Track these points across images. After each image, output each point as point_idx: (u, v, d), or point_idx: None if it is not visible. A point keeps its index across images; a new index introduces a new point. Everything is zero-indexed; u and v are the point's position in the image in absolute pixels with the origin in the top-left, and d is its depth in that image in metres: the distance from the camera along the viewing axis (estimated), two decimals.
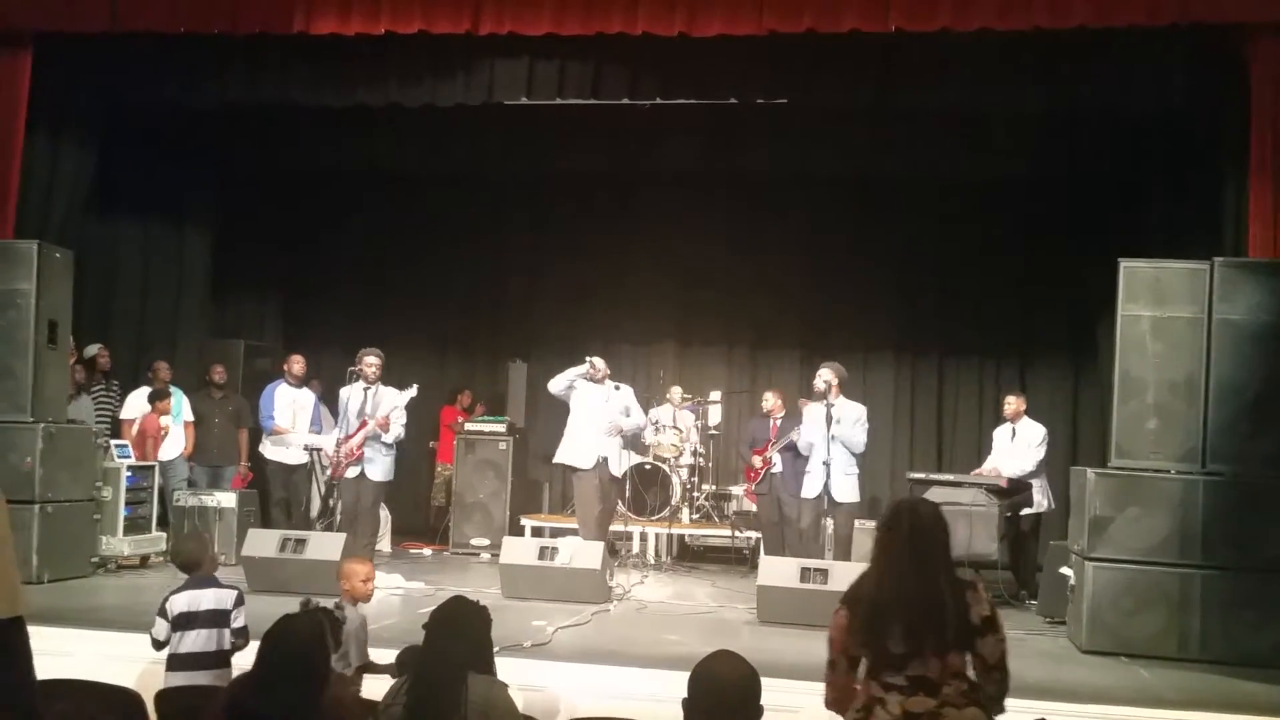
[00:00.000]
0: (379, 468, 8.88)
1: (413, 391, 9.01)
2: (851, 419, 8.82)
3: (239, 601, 5.14)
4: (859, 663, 3.35)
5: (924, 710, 3.20)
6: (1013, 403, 9.40)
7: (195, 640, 5.00)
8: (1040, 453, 9.09)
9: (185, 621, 5.02)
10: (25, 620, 2.69)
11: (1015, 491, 8.86)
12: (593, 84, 8.79)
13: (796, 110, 9.22)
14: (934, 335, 11.98)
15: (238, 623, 5.07)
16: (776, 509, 9.62)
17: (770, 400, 10.01)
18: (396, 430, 8.91)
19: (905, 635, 3.23)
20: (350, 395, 8.93)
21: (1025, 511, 9.04)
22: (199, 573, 5.27)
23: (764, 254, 12.01)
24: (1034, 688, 5.69)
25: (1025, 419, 9.31)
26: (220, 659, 5.00)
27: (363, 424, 8.78)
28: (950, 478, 9.16)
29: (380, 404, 8.86)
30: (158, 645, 5.09)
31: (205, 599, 5.10)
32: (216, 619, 5.05)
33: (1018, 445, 9.19)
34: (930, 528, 3.37)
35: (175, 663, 4.99)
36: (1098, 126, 9.57)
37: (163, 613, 5.09)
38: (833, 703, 3.39)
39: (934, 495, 8.82)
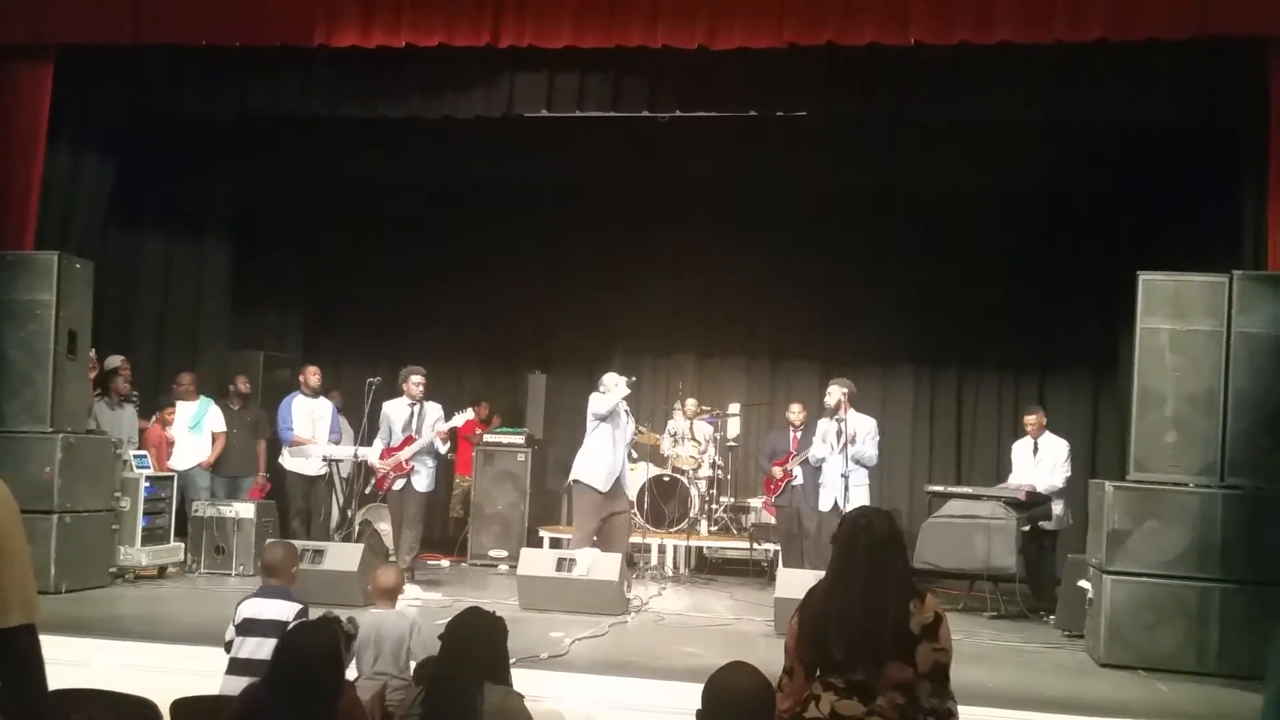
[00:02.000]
0: (423, 479, 9.20)
1: (467, 414, 9.54)
2: (863, 433, 8.85)
3: (300, 615, 5.18)
4: (815, 670, 3.42)
5: (852, 714, 3.27)
6: (1033, 420, 9.36)
7: (254, 647, 5.06)
8: (1068, 469, 9.08)
9: (248, 628, 5.11)
10: (37, 628, 2.70)
11: (1034, 505, 8.84)
12: (613, 96, 8.80)
13: (816, 123, 9.22)
14: (954, 348, 11.95)
15: None
16: (796, 521, 9.60)
17: (797, 412, 9.95)
18: (445, 446, 9.37)
19: (844, 644, 3.30)
20: (395, 411, 9.28)
21: (1044, 525, 9.00)
22: (274, 581, 5.35)
23: (784, 266, 12.00)
24: (1053, 701, 5.67)
25: (1047, 434, 9.28)
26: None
27: (408, 440, 9.10)
28: (969, 490, 9.15)
29: (426, 419, 9.19)
30: (226, 647, 5.18)
31: (269, 608, 5.16)
32: (276, 629, 5.11)
33: (1041, 461, 9.16)
34: (884, 542, 3.43)
35: (234, 666, 5.07)
36: (1117, 139, 9.54)
37: (233, 617, 5.19)
38: (786, 711, 3.42)
39: (953, 508, 8.85)
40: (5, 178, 8.00)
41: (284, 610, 5.18)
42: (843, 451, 8.73)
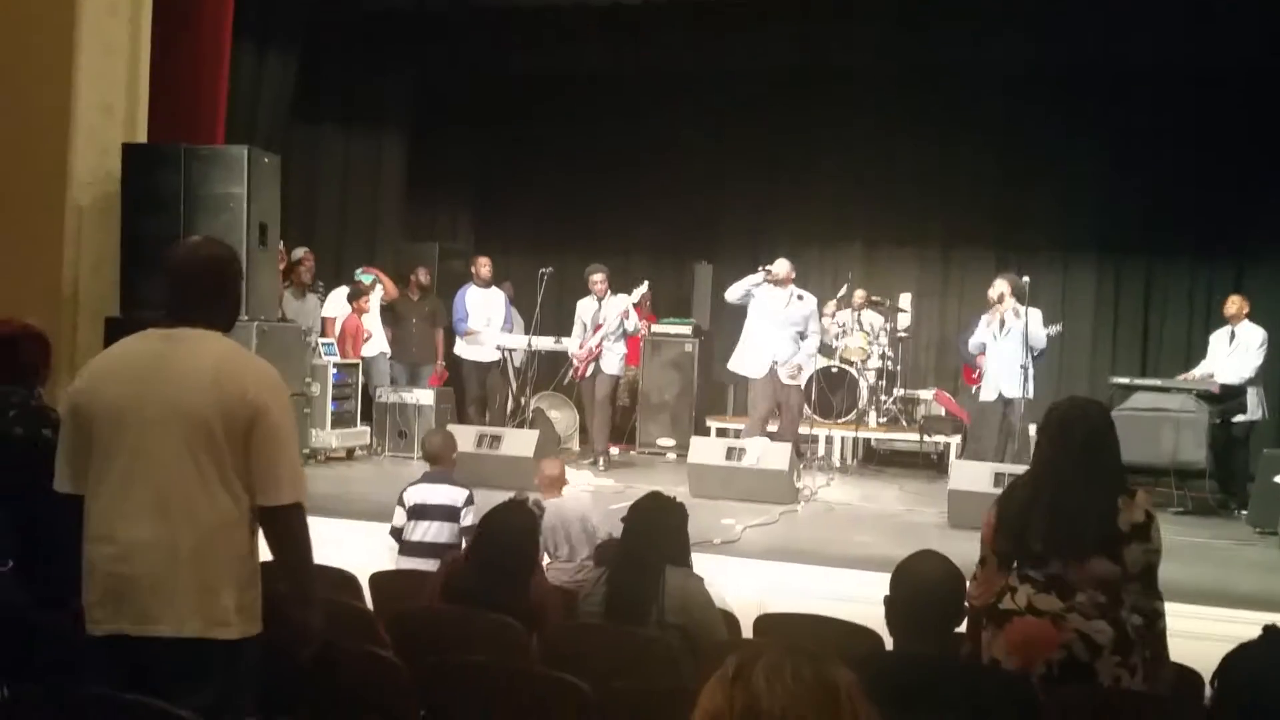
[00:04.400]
0: (611, 362, 9.69)
1: (643, 289, 9.97)
2: (1032, 320, 8.55)
3: (469, 501, 5.39)
4: (1010, 562, 3.34)
5: (1049, 609, 3.18)
6: (1234, 303, 8.88)
7: (427, 530, 5.31)
8: (1259, 357, 8.59)
9: (419, 512, 5.34)
10: (304, 507, 2.86)
11: (1227, 397, 8.44)
12: None
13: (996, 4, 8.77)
14: (1142, 233, 11.32)
15: (466, 520, 5.33)
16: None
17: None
18: (633, 323, 9.85)
19: (1045, 535, 3.21)
20: (583, 308, 9.80)
21: (1238, 418, 8.60)
22: (437, 467, 5.56)
23: (958, 150, 11.54)
24: (1245, 598, 5.48)
25: (1246, 321, 8.79)
26: (448, 551, 5.27)
27: (597, 327, 9.58)
28: (1157, 382, 8.77)
29: (611, 311, 9.62)
30: (395, 532, 5.42)
31: (438, 494, 5.38)
32: (448, 514, 5.34)
33: (1236, 349, 8.71)
34: (1098, 433, 3.29)
35: (407, 549, 5.31)
36: None
37: (401, 502, 5.42)
38: (976, 598, 3.36)
39: (1139, 401, 8.51)
40: (196, 76, 8.27)
41: (454, 495, 5.38)
42: (1007, 338, 8.46)
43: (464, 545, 5.23)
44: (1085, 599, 3.17)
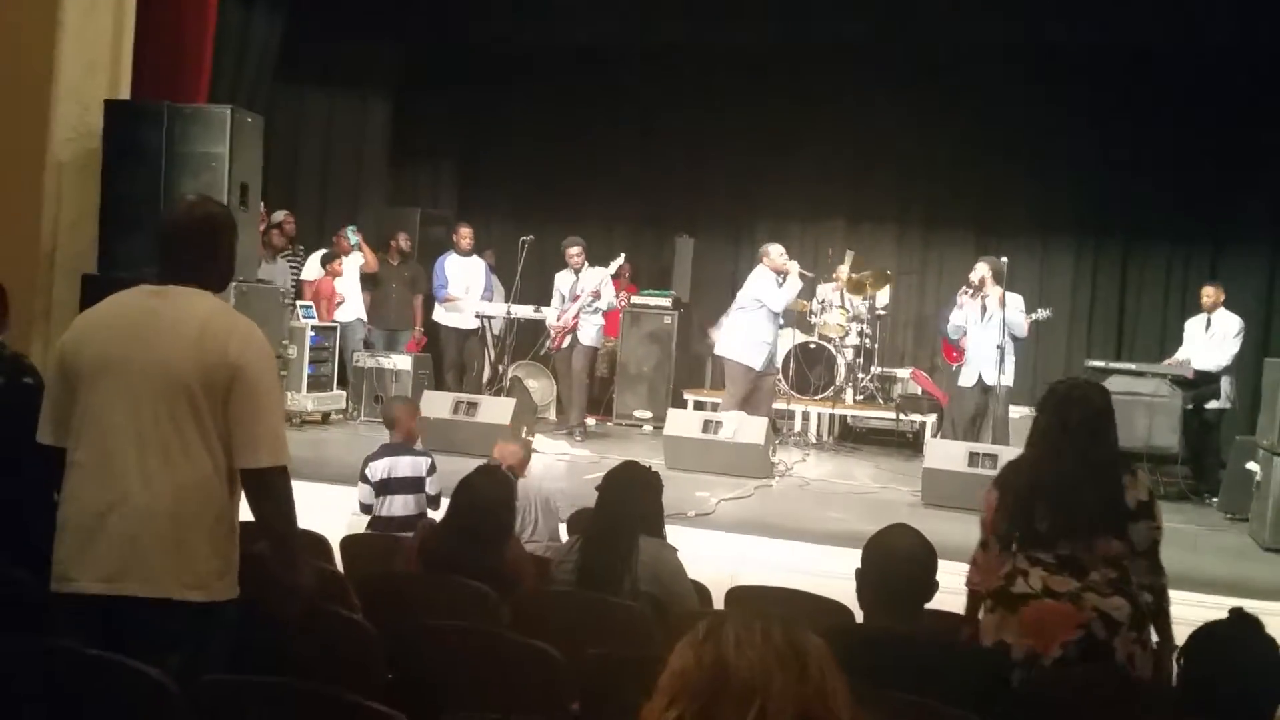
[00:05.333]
0: (588, 333, 9.73)
1: (619, 262, 9.98)
2: (1012, 304, 8.56)
3: (431, 469, 5.39)
4: (1010, 544, 3.35)
5: (1065, 590, 3.19)
6: (1211, 293, 8.97)
7: (395, 504, 5.29)
8: (1236, 345, 8.68)
9: (385, 487, 5.32)
10: (287, 470, 2.85)
11: (1201, 383, 8.52)
12: None
13: None
14: (1120, 217, 11.35)
15: (431, 490, 5.33)
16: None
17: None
18: (608, 298, 9.86)
19: (1051, 513, 3.22)
20: (561, 280, 9.88)
21: (1210, 405, 8.68)
22: (397, 437, 5.53)
23: (940, 129, 11.49)
24: (1214, 583, 5.55)
25: (1222, 310, 8.87)
26: (416, 522, 5.26)
27: (575, 298, 9.60)
28: (1132, 366, 8.85)
29: (586, 283, 9.65)
30: (365, 509, 5.39)
31: (401, 465, 5.37)
32: (414, 485, 5.33)
33: (1212, 336, 8.78)
34: (1100, 414, 3.31)
35: (378, 524, 5.28)
36: None
37: (364, 478, 5.38)
38: (977, 583, 3.40)
39: (1113, 384, 8.54)
40: (180, 32, 8.18)
41: (418, 465, 5.37)
42: (988, 325, 8.50)
43: (428, 514, 5.24)
44: (1099, 577, 3.20)
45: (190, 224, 2.93)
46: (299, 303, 9.73)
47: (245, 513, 2.91)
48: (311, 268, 10.33)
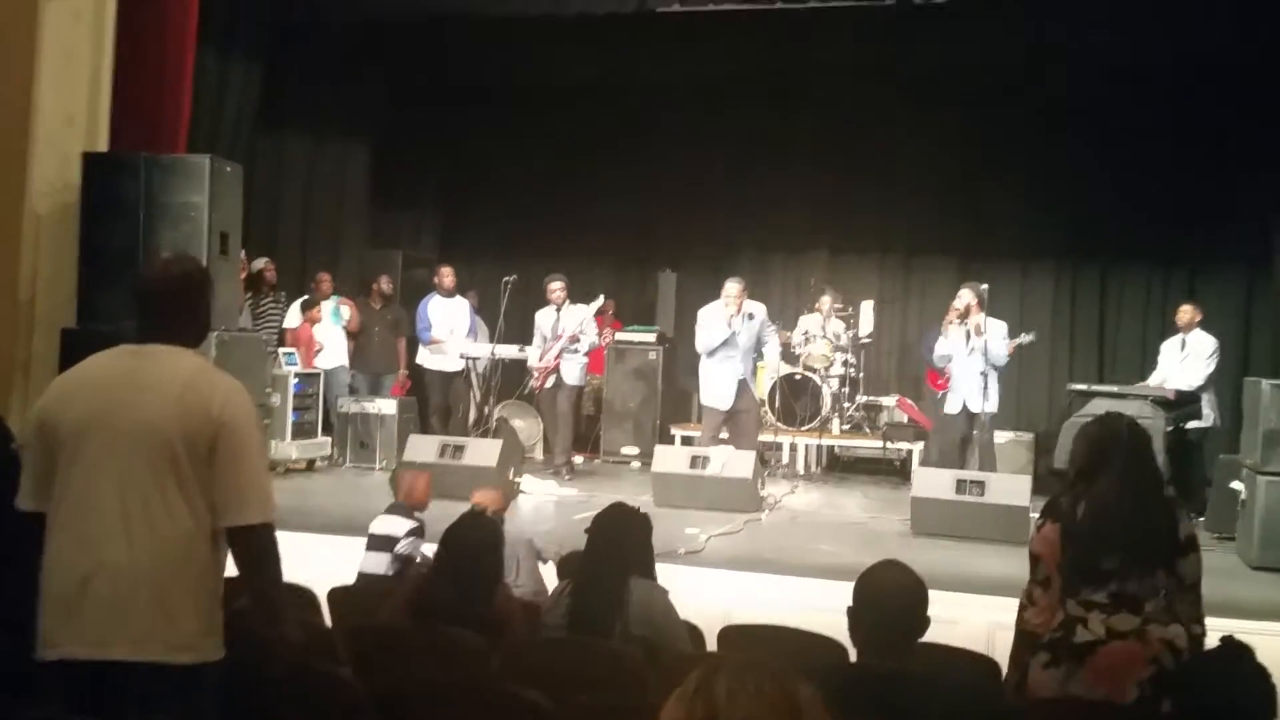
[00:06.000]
0: (572, 372, 9.68)
1: (599, 302, 9.98)
2: (994, 334, 8.62)
3: (412, 533, 5.34)
4: (1075, 580, 3.27)
5: (1129, 628, 3.13)
6: (1186, 312, 9.02)
7: (369, 561, 5.27)
8: (1210, 365, 8.73)
9: (369, 543, 5.31)
10: (273, 526, 2.83)
11: (1182, 404, 8.55)
12: None
13: (958, 7, 8.85)
14: (1099, 240, 11.43)
15: (399, 549, 5.29)
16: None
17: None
18: (590, 339, 9.82)
19: (1122, 551, 3.17)
20: (542, 318, 9.80)
21: (1192, 425, 8.71)
22: (396, 499, 5.55)
23: (920, 158, 11.60)
24: (1205, 603, 5.52)
25: (1197, 330, 8.93)
26: (384, 583, 5.25)
27: (556, 338, 9.58)
28: (1114, 389, 8.88)
29: (567, 321, 9.61)
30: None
31: (386, 524, 5.36)
32: (385, 544, 5.31)
33: (1188, 357, 8.83)
34: (1147, 445, 3.30)
35: (359, 579, 5.26)
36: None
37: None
38: (1037, 625, 3.31)
39: (1095, 407, 8.59)
40: (159, 82, 8.19)
41: (397, 527, 5.35)
42: (971, 354, 8.55)
43: (393, 572, 5.21)
44: (1153, 608, 3.16)
45: (167, 283, 2.93)
46: (282, 350, 9.70)
47: (229, 569, 2.89)
48: (294, 315, 10.31)
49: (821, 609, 4.78)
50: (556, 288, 9.73)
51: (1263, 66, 9.39)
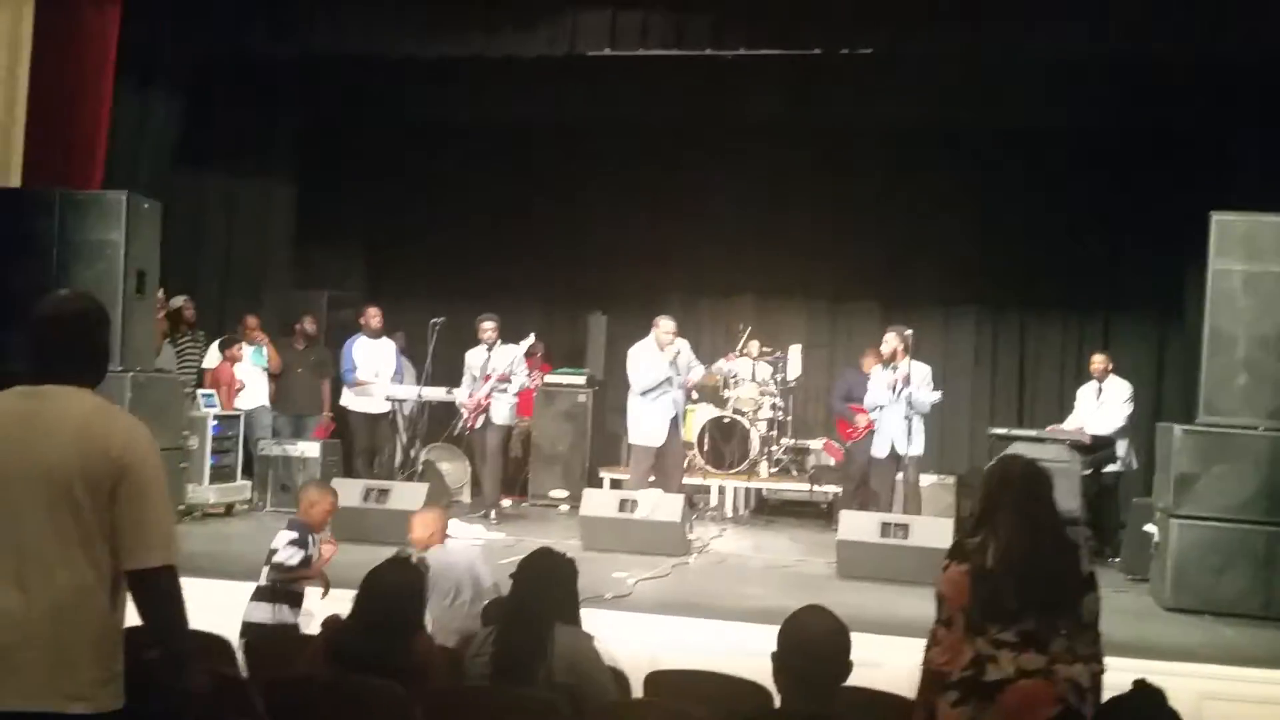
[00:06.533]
0: (500, 412, 9.65)
1: (529, 341, 10.06)
2: (918, 379, 8.80)
3: (287, 541, 5.28)
4: (980, 621, 3.31)
5: (1036, 667, 3.16)
6: (1099, 361, 9.33)
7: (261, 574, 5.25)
8: (1127, 410, 8.99)
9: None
10: (176, 569, 2.75)
11: (1099, 448, 8.75)
12: (676, 34, 8.72)
13: (881, 60, 9.06)
14: (1017, 289, 11.77)
15: (276, 557, 5.23)
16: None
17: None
18: (520, 379, 9.81)
19: (1024, 592, 3.21)
20: (472, 358, 9.73)
21: (1108, 469, 8.92)
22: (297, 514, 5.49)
23: (845, 207, 11.82)
24: (1117, 645, 5.54)
25: (1112, 376, 9.20)
26: (260, 593, 5.26)
27: (486, 378, 9.51)
28: (1033, 433, 9.06)
29: (498, 361, 9.58)
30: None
31: (277, 538, 5.32)
32: (269, 555, 5.27)
33: (1104, 403, 9.06)
34: (1042, 485, 3.35)
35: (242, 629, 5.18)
36: (1188, 75, 9.25)
37: None
38: (943, 663, 3.35)
39: (1015, 451, 8.74)
40: (75, 118, 8.06)
41: (279, 537, 5.32)
42: (899, 399, 8.71)
43: (264, 579, 5.23)
44: (1059, 647, 3.19)
45: (59, 321, 2.84)
46: (200, 391, 9.51)
47: (133, 616, 2.81)
48: (214, 355, 10.13)
49: (749, 653, 4.74)
50: (488, 327, 9.68)
51: (1171, 133, 10.14)
